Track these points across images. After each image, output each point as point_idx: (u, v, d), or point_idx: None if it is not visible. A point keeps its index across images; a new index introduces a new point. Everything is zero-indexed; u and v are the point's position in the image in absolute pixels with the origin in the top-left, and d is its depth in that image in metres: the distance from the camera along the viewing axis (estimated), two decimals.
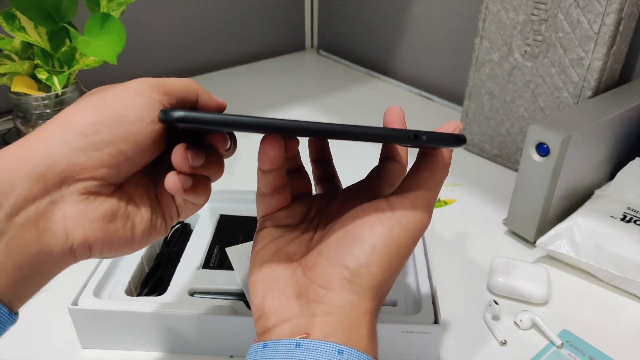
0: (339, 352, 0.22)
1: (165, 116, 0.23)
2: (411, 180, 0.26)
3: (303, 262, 0.26)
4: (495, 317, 0.42)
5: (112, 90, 0.25)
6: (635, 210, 0.47)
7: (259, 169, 0.28)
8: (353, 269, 0.24)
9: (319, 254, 0.25)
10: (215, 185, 0.30)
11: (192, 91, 0.27)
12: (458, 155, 0.67)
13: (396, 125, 0.27)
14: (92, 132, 0.23)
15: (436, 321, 0.36)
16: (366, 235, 0.24)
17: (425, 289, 0.39)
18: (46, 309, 0.41)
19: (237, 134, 0.28)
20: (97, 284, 0.38)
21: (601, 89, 0.54)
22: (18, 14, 0.50)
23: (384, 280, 0.24)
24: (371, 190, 0.29)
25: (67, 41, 0.53)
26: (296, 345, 0.22)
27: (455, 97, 0.77)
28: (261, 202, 0.30)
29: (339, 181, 0.33)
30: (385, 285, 0.25)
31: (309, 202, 0.31)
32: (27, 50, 0.53)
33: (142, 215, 0.26)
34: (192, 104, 0.27)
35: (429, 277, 0.40)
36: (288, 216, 0.29)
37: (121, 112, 0.24)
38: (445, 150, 0.27)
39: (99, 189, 0.24)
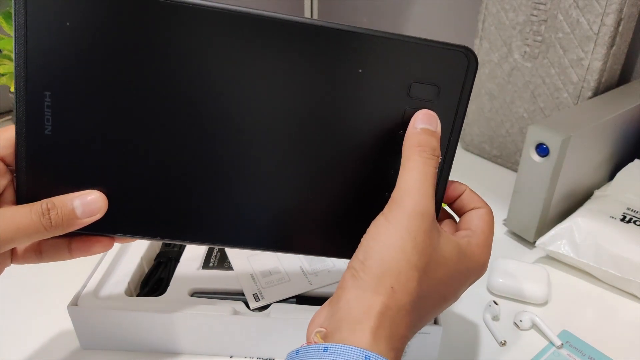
0: (365, 357, 0.23)
1: None
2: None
3: None
4: (495, 318, 0.42)
5: None
6: (635, 211, 0.47)
7: None
8: (356, 266, 0.26)
9: None
10: None
11: None
12: (458, 156, 0.67)
13: None
14: None
15: (436, 321, 0.36)
16: (364, 238, 0.27)
17: None
18: (46, 309, 0.41)
19: None
20: (97, 284, 0.38)
21: (601, 90, 0.54)
22: None
23: (381, 273, 0.25)
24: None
25: None
26: (324, 349, 0.24)
27: None
28: None
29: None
30: (386, 279, 0.25)
31: None
32: None
33: None
34: None
35: None
36: None
37: None
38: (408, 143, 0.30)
39: None
